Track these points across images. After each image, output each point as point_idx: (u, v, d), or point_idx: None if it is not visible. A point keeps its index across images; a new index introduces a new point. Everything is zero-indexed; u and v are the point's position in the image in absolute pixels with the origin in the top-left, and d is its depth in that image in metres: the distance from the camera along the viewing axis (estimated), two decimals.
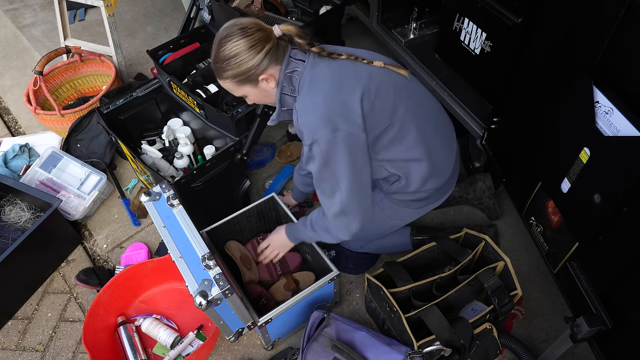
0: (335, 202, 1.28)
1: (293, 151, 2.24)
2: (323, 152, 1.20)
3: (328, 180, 1.26)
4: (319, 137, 1.19)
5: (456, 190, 1.87)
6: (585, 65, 1.08)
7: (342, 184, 1.25)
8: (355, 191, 1.27)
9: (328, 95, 1.20)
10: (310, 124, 1.20)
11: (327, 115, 1.19)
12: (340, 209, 1.29)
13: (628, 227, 1.03)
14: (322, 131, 1.18)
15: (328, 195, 1.29)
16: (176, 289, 1.78)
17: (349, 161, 1.22)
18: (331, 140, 1.19)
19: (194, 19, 2.11)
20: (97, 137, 2.21)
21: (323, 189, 1.30)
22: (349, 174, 1.23)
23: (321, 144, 1.19)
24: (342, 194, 1.26)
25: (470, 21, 1.64)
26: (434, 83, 1.90)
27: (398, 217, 1.57)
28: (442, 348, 1.31)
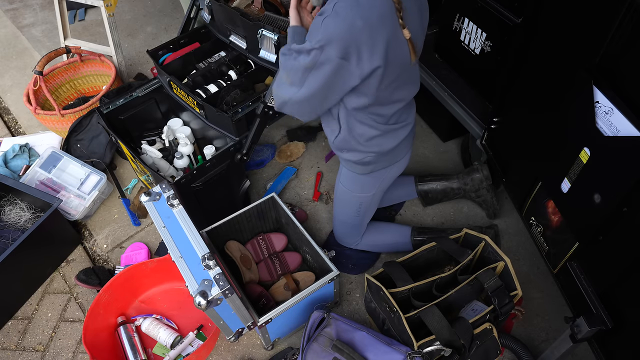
0: (291, 88, 1.23)
1: (293, 151, 2.24)
2: (317, 62, 1.14)
3: (299, 76, 1.20)
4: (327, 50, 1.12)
5: (454, 181, 1.87)
6: (585, 65, 1.08)
7: (304, 90, 1.21)
8: (309, 102, 1.24)
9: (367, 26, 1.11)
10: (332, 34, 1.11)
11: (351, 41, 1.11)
12: (288, 97, 1.25)
13: (628, 227, 1.03)
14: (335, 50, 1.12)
15: (289, 81, 1.23)
16: (176, 289, 1.78)
17: (328, 85, 1.19)
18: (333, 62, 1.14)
19: (194, 19, 2.10)
20: (97, 137, 2.21)
21: (290, 73, 1.22)
22: (319, 90, 1.20)
23: (323, 56, 1.13)
24: (299, 93, 1.22)
25: (470, 21, 1.64)
26: (434, 83, 1.90)
27: (357, 189, 1.58)
28: (442, 348, 1.31)
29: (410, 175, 1.95)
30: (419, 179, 1.91)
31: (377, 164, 1.47)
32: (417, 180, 1.91)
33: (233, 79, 1.87)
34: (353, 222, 1.71)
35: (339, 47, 1.12)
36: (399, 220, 1.96)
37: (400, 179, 1.93)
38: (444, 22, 1.82)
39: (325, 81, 1.19)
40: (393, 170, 1.53)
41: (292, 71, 1.22)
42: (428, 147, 2.24)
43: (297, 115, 1.32)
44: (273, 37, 1.64)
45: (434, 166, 2.15)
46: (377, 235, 1.79)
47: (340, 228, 1.78)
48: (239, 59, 1.93)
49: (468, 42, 1.69)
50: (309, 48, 1.15)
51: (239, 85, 1.81)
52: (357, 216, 1.68)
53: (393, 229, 1.81)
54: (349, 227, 1.74)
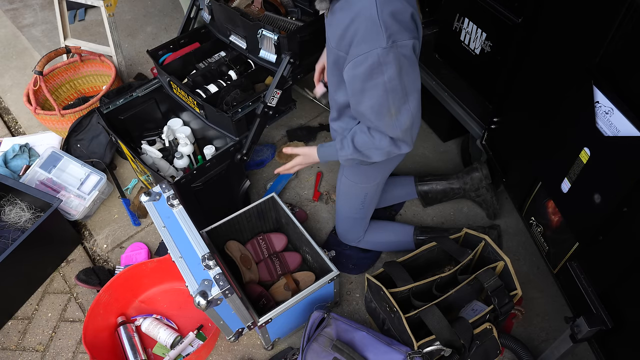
0: (402, 118, 1.17)
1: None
2: (401, 58, 1.09)
3: (399, 92, 1.13)
4: (399, 39, 1.07)
5: (454, 181, 1.87)
6: (585, 65, 1.08)
7: (412, 95, 1.16)
8: (419, 101, 1.19)
9: (406, 1, 1.11)
10: (397, 23, 1.07)
11: (406, 20, 1.09)
12: (410, 122, 1.19)
13: (628, 227, 1.03)
14: (403, 33, 1.08)
15: (394, 111, 1.17)
16: (176, 289, 1.78)
17: (417, 68, 1.15)
18: (409, 45, 1.09)
19: (194, 19, 2.10)
20: (97, 137, 2.21)
21: (391, 104, 1.16)
22: (417, 82, 1.16)
23: (400, 49, 1.08)
24: (411, 105, 1.16)
25: (470, 21, 1.64)
26: (434, 83, 1.90)
27: (362, 179, 1.57)
28: (442, 348, 1.31)
29: (410, 175, 1.95)
30: (419, 179, 1.91)
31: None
32: (417, 180, 1.91)
33: (233, 79, 1.87)
34: (358, 216, 1.71)
35: (407, 29, 1.08)
36: (399, 220, 1.96)
37: (400, 179, 1.93)
38: (444, 22, 1.82)
39: (414, 68, 1.13)
40: (398, 157, 1.53)
41: (390, 99, 1.14)
42: (428, 147, 2.24)
43: (417, 130, 1.25)
44: (273, 37, 1.64)
45: (434, 166, 2.15)
46: (380, 233, 1.79)
47: (344, 224, 1.78)
48: (239, 59, 1.93)
49: (468, 42, 1.69)
50: (382, 54, 1.07)
51: (239, 85, 1.81)
52: (362, 208, 1.68)
53: (396, 228, 1.81)
54: (353, 221, 1.74)
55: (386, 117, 1.18)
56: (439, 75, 1.90)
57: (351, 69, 1.15)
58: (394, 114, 1.17)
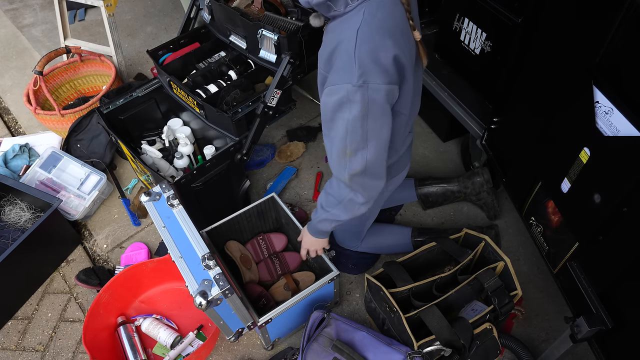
0: (356, 160, 1.13)
1: (293, 151, 2.24)
2: (369, 100, 1.04)
3: (358, 134, 1.09)
4: (371, 80, 1.02)
5: (454, 185, 1.87)
6: (585, 65, 1.08)
7: (372, 142, 1.11)
8: (382, 151, 1.15)
9: (392, 39, 1.05)
10: (369, 63, 1.02)
11: (384, 61, 1.04)
12: (362, 169, 1.15)
13: (628, 227, 1.03)
14: (378, 76, 1.03)
15: (350, 152, 1.13)
16: (176, 289, 1.78)
17: (387, 117, 1.10)
18: (382, 90, 1.05)
19: (194, 19, 2.10)
20: (97, 137, 2.21)
21: (348, 143, 1.12)
22: (384, 131, 1.11)
23: (370, 91, 1.03)
24: (369, 152, 1.12)
25: (470, 21, 1.64)
26: (434, 83, 1.90)
27: None
28: (442, 348, 1.31)
29: (411, 178, 1.94)
30: (419, 182, 1.91)
31: None
32: (417, 183, 1.90)
33: (233, 79, 1.87)
34: (354, 230, 1.72)
35: (381, 71, 1.03)
36: (399, 220, 1.96)
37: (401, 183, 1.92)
38: (444, 22, 1.82)
39: (384, 113, 1.08)
40: (394, 182, 1.53)
41: (350, 138, 1.10)
42: (428, 147, 2.24)
43: (384, 178, 1.21)
44: (273, 37, 1.64)
45: (434, 166, 2.14)
46: (378, 237, 1.78)
47: (340, 234, 1.79)
48: (239, 59, 1.93)
49: (468, 42, 1.69)
50: (350, 88, 1.02)
51: (239, 85, 1.81)
52: (359, 224, 1.68)
53: (393, 231, 1.81)
54: (350, 234, 1.74)
55: (341, 156, 1.15)
56: (439, 75, 1.90)
57: (326, 95, 1.11)
58: (348, 154, 1.13)
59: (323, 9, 1.10)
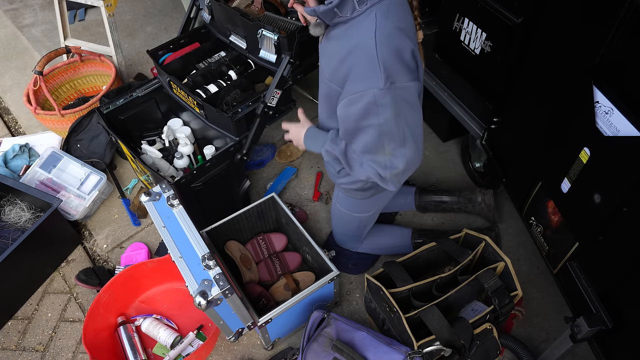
0: (395, 161, 1.11)
1: (293, 151, 2.24)
2: (398, 101, 1.02)
3: (395, 136, 1.06)
4: (398, 80, 1.00)
5: (455, 202, 1.85)
6: (585, 65, 1.08)
7: (410, 139, 1.08)
8: (420, 146, 1.12)
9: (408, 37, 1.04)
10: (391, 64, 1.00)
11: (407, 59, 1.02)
12: (404, 167, 1.12)
13: (628, 227, 1.03)
14: (404, 75, 1.01)
15: (390, 152, 1.10)
16: (176, 289, 1.78)
17: (418, 113, 1.08)
18: (410, 88, 1.03)
19: (194, 19, 2.10)
20: (97, 137, 2.21)
21: (383, 146, 1.09)
22: (418, 126, 1.09)
23: (397, 89, 1.00)
24: (407, 152, 1.09)
25: (470, 21, 1.64)
26: (434, 83, 1.90)
27: (357, 210, 1.56)
28: (442, 348, 1.31)
29: (412, 186, 1.92)
30: (419, 192, 1.88)
31: (377, 188, 1.44)
32: (418, 192, 1.88)
33: (233, 79, 1.87)
34: (353, 234, 1.72)
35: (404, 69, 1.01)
36: (399, 220, 1.96)
37: (402, 189, 1.90)
38: (443, 22, 1.82)
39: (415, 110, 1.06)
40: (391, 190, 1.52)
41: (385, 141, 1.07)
42: (428, 147, 2.24)
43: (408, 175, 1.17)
44: (273, 37, 1.64)
45: (434, 166, 2.14)
46: (378, 238, 1.78)
47: (340, 237, 1.79)
48: (239, 59, 1.93)
49: (468, 42, 1.69)
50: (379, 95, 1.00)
51: (239, 85, 1.81)
52: (358, 229, 1.69)
53: (393, 232, 1.81)
54: (350, 237, 1.75)
55: (380, 155, 1.12)
56: (439, 75, 1.90)
57: (345, 106, 1.08)
58: (388, 153, 1.11)
59: (328, 16, 1.07)
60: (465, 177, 2.09)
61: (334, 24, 1.10)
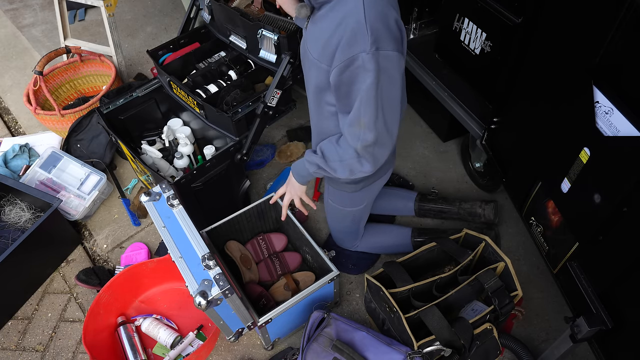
0: (370, 131, 1.11)
1: (293, 151, 2.24)
2: (381, 68, 1.02)
3: (372, 105, 1.06)
4: (383, 47, 1.00)
5: (454, 212, 1.85)
6: (585, 65, 1.08)
7: (386, 112, 1.08)
8: (394, 121, 1.12)
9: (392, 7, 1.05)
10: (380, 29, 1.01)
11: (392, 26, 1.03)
12: (374, 139, 1.12)
13: (628, 227, 1.03)
14: (391, 44, 1.01)
15: (365, 123, 1.10)
16: (176, 289, 1.78)
17: (398, 87, 1.08)
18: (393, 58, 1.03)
19: (194, 19, 2.10)
20: (97, 137, 2.21)
21: (361, 114, 1.09)
22: (395, 101, 1.09)
23: (381, 57, 1.01)
24: (385, 121, 1.10)
25: (470, 21, 1.64)
26: (434, 83, 1.90)
27: (347, 204, 1.56)
28: (442, 348, 1.31)
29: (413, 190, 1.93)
30: (420, 200, 1.87)
31: (367, 180, 1.44)
32: (418, 200, 1.87)
33: (233, 79, 1.87)
34: (349, 230, 1.72)
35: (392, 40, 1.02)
36: (399, 220, 1.96)
37: (403, 193, 1.90)
38: (444, 22, 1.82)
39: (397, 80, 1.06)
40: (382, 180, 1.51)
41: (364, 108, 1.07)
42: (428, 147, 2.24)
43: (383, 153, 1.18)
44: (273, 37, 1.64)
45: (434, 166, 2.14)
46: (377, 237, 1.78)
47: (337, 235, 1.79)
48: (239, 59, 1.93)
49: (468, 42, 1.69)
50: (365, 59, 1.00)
51: (239, 85, 1.81)
52: (352, 224, 1.69)
53: (393, 231, 1.81)
54: (346, 234, 1.75)
55: (355, 126, 1.13)
56: (439, 75, 1.90)
57: (336, 74, 1.08)
58: (362, 125, 1.11)
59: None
60: (465, 177, 2.09)
61: (319, 5, 1.11)
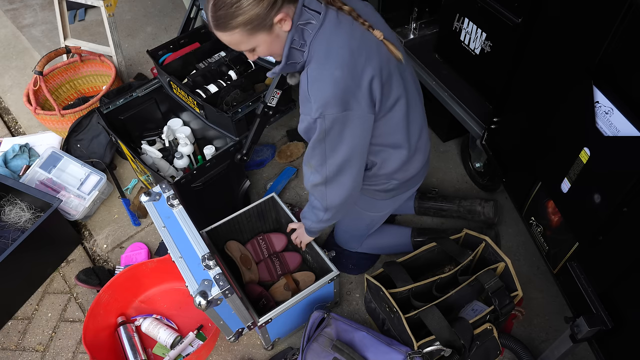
0: (317, 174, 1.28)
1: (293, 151, 2.24)
2: (326, 129, 1.15)
3: (318, 154, 1.23)
4: (327, 114, 1.12)
5: (454, 210, 1.85)
6: (585, 65, 1.08)
7: (330, 161, 1.23)
8: (346, 171, 1.26)
9: (347, 70, 1.11)
10: (323, 98, 1.11)
11: (342, 93, 1.11)
12: (321, 180, 1.28)
13: (628, 227, 1.03)
14: (333, 108, 1.12)
15: (313, 166, 1.27)
16: (176, 289, 1.78)
17: (349, 142, 1.19)
18: (339, 119, 1.14)
19: (194, 19, 2.10)
20: (97, 137, 2.21)
21: (309, 158, 1.27)
22: (345, 153, 1.21)
23: (327, 120, 1.13)
24: (327, 169, 1.25)
25: (470, 21, 1.64)
26: (434, 83, 1.90)
27: (373, 209, 1.58)
28: (442, 348, 1.31)
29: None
30: (419, 198, 1.88)
31: (399, 189, 1.48)
32: (418, 197, 1.88)
33: (233, 79, 1.87)
34: (359, 234, 1.72)
35: (337, 103, 1.11)
36: (398, 220, 1.96)
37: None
38: (444, 22, 1.82)
39: (345, 139, 1.18)
40: (410, 191, 1.56)
41: (312, 155, 1.25)
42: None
43: (352, 195, 1.33)
44: None
45: (434, 166, 2.14)
46: (377, 237, 1.78)
47: (343, 235, 1.78)
48: (239, 59, 1.93)
49: (468, 42, 1.69)
50: (311, 119, 1.15)
51: (239, 85, 1.81)
52: (365, 229, 1.70)
53: (393, 231, 1.81)
54: (354, 237, 1.75)
55: (306, 165, 1.31)
56: (439, 75, 1.90)
57: (300, 123, 1.23)
58: (311, 167, 1.29)
59: (290, 68, 1.20)
60: (465, 177, 2.09)
61: (302, 68, 1.20)
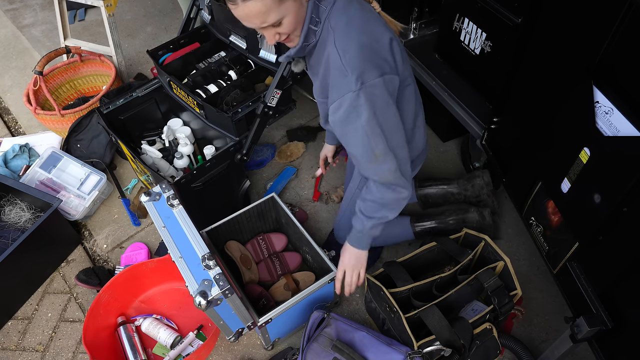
0: (389, 158, 1.16)
1: (293, 151, 2.24)
2: (372, 100, 1.07)
3: (378, 135, 1.11)
4: (367, 82, 1.05)
5: (454, 186, 1.86)
6: (585, 65, 1.08)
7: (393, 134, 1.13)
8: (403, 139, 1.17)
9: (370, 36, 1.08)
10: (359, 66, 1.05)
11: (373, 56, 1.07)
12: (396, 164, 1.17)
13: (628, 227, 1.03)
14: (371, 73, 1.05)
15: (381, 153, 1.15)
16: (176, 289, 1.78)
17: (393, 107, 1.12)
18: (378, 85, 1.06)
19: (194, 19, 2.10)
20: (97, 137, 2.21)
21: (373, 148, 1.14)
22: (396, 120, 1.13)
23: (369, 89, 1.05)
24: (396, 141, 1.14)
25: (470, 21, 1.64)
26: (434, 83, 1.90)
27: None
28: (442, 348, 1.31)
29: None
30: (419, 183, 1.90)
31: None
32: (417, 184, 1.90)
33: (233, 79, 1.87)
34: None
35: (372, 68, 1.06)
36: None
37: None
38: (444, 22, 1.82)
39: (392, 107, 1.11)
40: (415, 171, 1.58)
41: (373, 140, 1.12)
42: (428, 147, 2.23)
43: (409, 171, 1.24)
44: None
45: (434, 166, 2.14)
46: None
47: (345, 228, 1.77)
48: (239, 59, 1.93)
49: (468, 42, 1.69)
50: (353, 97, 1.05)
51: (239, 85, 1.81)
52: None
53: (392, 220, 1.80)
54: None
55: (372, 160, 1.17)
56: (439, 75, 1.90)
57: (331, 114, 1.14)
58: (378, 155, 1.16)
59: (301, 51, 1.16)
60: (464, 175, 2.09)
61: (309, 53, 1.18)
